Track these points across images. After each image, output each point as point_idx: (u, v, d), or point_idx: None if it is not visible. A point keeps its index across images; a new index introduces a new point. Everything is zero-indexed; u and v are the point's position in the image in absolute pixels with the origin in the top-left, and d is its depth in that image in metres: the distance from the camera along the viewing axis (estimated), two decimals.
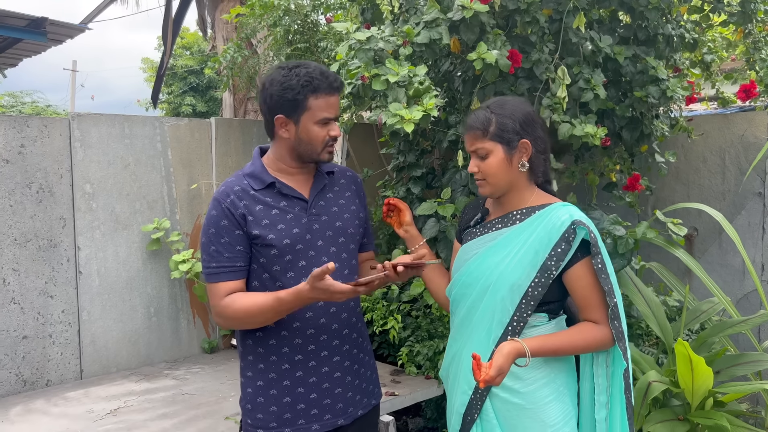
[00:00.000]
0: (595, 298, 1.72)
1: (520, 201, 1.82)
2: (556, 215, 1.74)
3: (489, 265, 1.79)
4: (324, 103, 1.72)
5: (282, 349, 1.80)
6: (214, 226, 1.76)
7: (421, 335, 3.43)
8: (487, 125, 1.75)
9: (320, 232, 1.82)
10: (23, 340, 3.31)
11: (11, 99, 18.96)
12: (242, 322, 1.77)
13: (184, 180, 3.90)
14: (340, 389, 1.85)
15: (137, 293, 3.71)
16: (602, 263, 1.70)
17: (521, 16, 2.47)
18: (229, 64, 3.83)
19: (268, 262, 1.76)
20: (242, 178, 1.81)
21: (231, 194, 1.77)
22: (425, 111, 2.01)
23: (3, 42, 5.45)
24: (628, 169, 3.15)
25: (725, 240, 3.54)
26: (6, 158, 3.24)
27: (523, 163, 1.77)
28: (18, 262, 3.28)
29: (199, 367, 3.70)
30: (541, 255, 1.73)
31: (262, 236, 1.74)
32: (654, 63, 2.72)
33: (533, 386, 1.75)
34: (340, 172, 1.95)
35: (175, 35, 5.69)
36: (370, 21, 2.81)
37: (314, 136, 1.75)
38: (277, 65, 1.81)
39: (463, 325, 1.87)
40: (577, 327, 1.76)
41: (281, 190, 1.79)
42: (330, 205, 1.86)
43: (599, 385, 1.78)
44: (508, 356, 1.61)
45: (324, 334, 1.81)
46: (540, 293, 1.73)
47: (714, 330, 2.83)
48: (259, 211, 1.76)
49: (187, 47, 17.81)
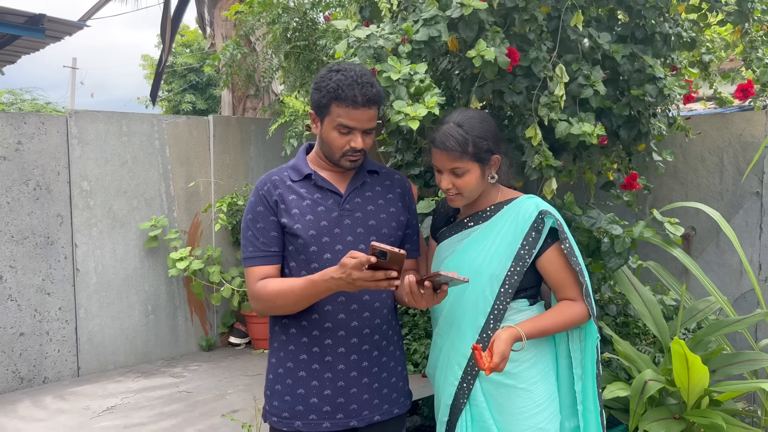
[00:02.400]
0: (569, 277, 1.86)
1: (488, 200, 1.95)
2: (524, 207, 1.88)
3: (467, 260, 1.89)
4: (345, 113, 1.73)
5: (301, 339, 1.81)
6: (251, 212, 1.82)
7: (419, 333, 3.43)
8: (465, 146, 1.83)
9: (351, 227, 1.82)
10: (20, 337, 3.30)
11: (11, 96, 18.92)
12: (275, 305, 1.77)
13: (182, 177, 3.90)
14: (355, 389, 1.82)
15: (135, 291, 3.71)
16: (570, 246, 1.84)
17: (519, 14, 2.47)
18: (228, 62, 3.83)
19: (296, 251, 1.80)
20: (284, 170, 1.88)
21: (268, 182, 1.83)
22: (429, 108, 2.02)
23: (1, 39, 5.44)
24: (625, 168, 3.15)
25: (723, 239, 3.54)
26: (3, 155, 3.24)
27: (493, 176, 1.92)
28: (15, 259, 3.28)
29: (197, 365, 3.70)
30: (514, 245, 1.85)
31: (290, 225, 1.78)
32: (651, 61, 2.72)
33: (523, 366, 1.86)
34: (387, 174, 1.96)
35: (173, 33, 5.68)
36: (369, 19, 2.81)
37: (332, 141, 1.77)
38: (330, 63, 1.87)
39: (447, 321, 1.95)
40: (558, 307, 1.89)
41: (317, 182, 1.83)
42: (366, 203, 1.86)
43: (575, 359, 1.91)
44: (507, 341, 1.72)
45: (342, 330, 1.80)
46: (516, 281, 1.85)
47: (710, 329, 2.83)
48: (292, 201, 1.80)
49: (187, 45, 17.79)
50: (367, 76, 1.75)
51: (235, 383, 3.35)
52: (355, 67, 1.77)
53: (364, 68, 1.80)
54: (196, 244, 3.96)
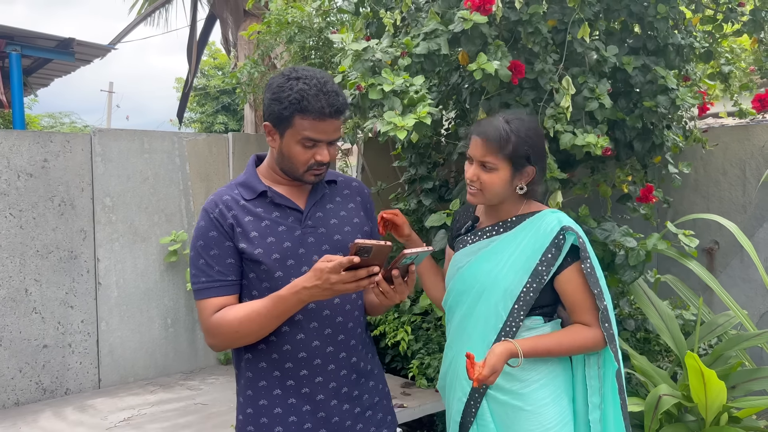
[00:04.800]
0: (586, 301, 1.76)
1: (511, 210, 1.86)
2: (545, 222, 1.78)
3: (482, 272, 1.82)
4: (310, 125, 1.56)
5: (273, 374, 1.64)
6: (202, 237, 1.62)
7: (432, 348, 3.42)
8: (505, 144, 1.76)
9: (316, 245, 1.65)
10: (43, 349, 3.39)
11: (51, 120, 19.61)
12: (238, 334, 1.58)
13: (202, 193, 3.98)
14: (337, 418, 1.67)
15: (155, 304, 3.78)
16: (591, 267, 1.74)
17: (524, 27, 2.48)
18: (247, 80, 3.92)
19: (258, 278, 1.62)
20: (233, 188, 1.68)
21: (220, 204, 1.64)
22: (418, 118, 2.01)
23: (34, 63, 5.67)
24: (641, 180, 3.11)
25: (747, 254, 3.45)
26: (30, 172, 3.36)
27: (522, 187, 1.81)
28: (40, 273, 3.38)
29: (215, 378, 3.74)
30: (532, 260, 1.76)
31: (249, 250, 1.60)
32: (663, 72, 2.70)
33: (532, 387, 1.77)
34: (344, 182, 1.80)
35: (199, 54, 5.84)
36: (375, 34, 2.85)
37: (295, 156, 1.61)
38: (284, 68, 1.67)
39: (458, 332, 1.89)
40: (568, 329, 1.79)
41: (273, 199, 1.65)
42: (328, 217, 1.70)
43: (591, 387, 1.80)
44: (500, 356, 1.66)
45: (317, 359, 1.64)
46: (532, 298, 1.76)
47: (729, 343, 2.76)
48: (248, 223, 1.62)
49: (219, 68, 18.23)
50: (330, 84, 1.59)
51: None
52: (316, 73, 1.60)
53: (325, 74, 1.63)
54: None
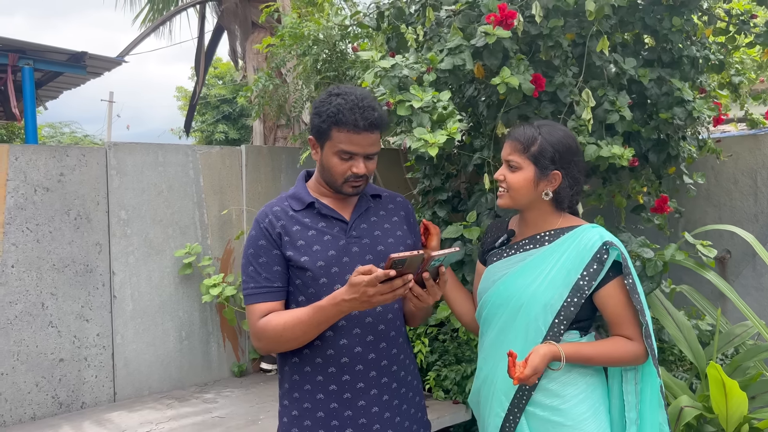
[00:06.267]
0: (628, 315, 1.77)
1: (547, 223, 1.86)
2: (586, 236, 1.79)
3: (520, 286, 1.81)
4: (346, 138, 1.66)
5: (316, 378, 1.71)
6: (252, 246, 1.74)
7: (449, 359, 3.42)
8: (530, 143, 1.79)
9: (359, 255, 1.73)
10: (60, 363, 3.39)
11: (51, 130, 19.65)
12: (282, 339, 1.67)
13: (216, 206, 3.99)
14: (378, 426, 1.72)
15: (169, 317, 3.79)
16: (633, 283, 1.75)
17: (544, 41, 2.50)
18: (261, 93, 3.94)
19: (304, 285, 1.71)
20: (284, 200, 1.80)
21: (270, 214, 1.75)
22: (449, 135, 2.04)
23: (44, 76, 5.70)
24: (655, 191, 3.13)
25: (759, 262, 3.47)
26: (46, 186, 3.37)
27: (547, 192, 1.82)
28: (56, 287, 3.39)
29: (230, 391, 3.74)
30: (573, 275, 1.76)
31: (296, 258, 1.69)
32: (679, 84, 2.73)
33: (571, 402, 1.77)
34: (389, 197, 1.90)
35: (207, 66, 5.87)
36: (395, 49, 2.88)
37: (333, 167, 1.71)
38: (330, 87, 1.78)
39: (494, 347, 1.87)
40: (611, 339, 1.80)
41: (321, 210, 1.75)
42: (372, 229, 1.79)
43: (629, 402, 1.81)
44: (544, 357, 1.66)
45: (359, 365, 1.70)
46: (573, 312, 1.77)
47: (748, 354, 2.77)
48: (296, 232, 1.72)
49: (220, 77, 18.30)
50: (368, 100, 1.69)
51: (266, 409, 3.37)
52: (356, 90, 1.71)
53: (366, 91, 1.73)
54: (228, 270, 4.03)
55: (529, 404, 1.79)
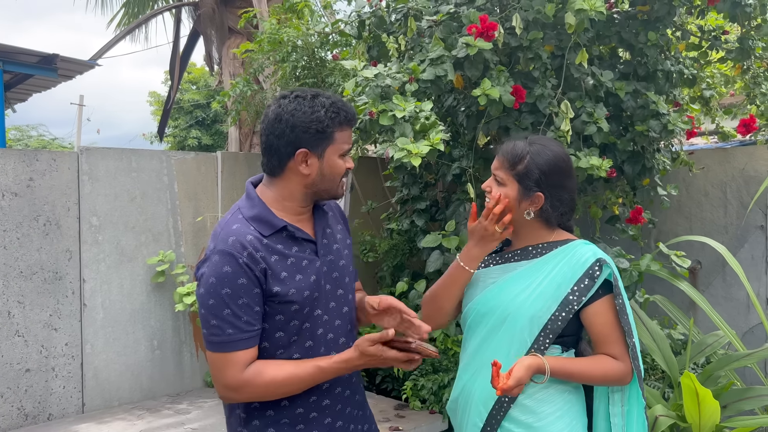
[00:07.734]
0: (615, 334, 1.75)
1: (539, 237, 1.85)
2: (580, 252, 1.78)
3: (508, 296, 1.80)
4: (347, 135, 1.59)
5: (266, 413, 1.59)
6: (229, 285, 1.46)
7: (426, 369, 3.41)
8: (516, 162, 1.77)
9: (328, 274, 1.61)
10: (26, 373, 3.29)
11: (17, 133, 19.23)
12: (270, 394, 1.54)
13: (190, 213, 3.93)
14: None
15: (141, 326, 3.71)
16: (623, 304, 1.74)
17: (524, 53, 2.53)
18: (238, 99, 3.90)
19: (287, 319, 1.54)
20: (247, 224, 1.53)
21: (248, 246, 1.48)
22: (432, 145, 2.03)
23: (14, 78, 5.56)
24: (630, 202, 3.18)
25: (729, 273, 3.54)
26: (15, 191, 3.28)
27: (529, 212, 1.80)
28: (23, 295, 3.29)
29: (203, 401, 3.67)
30: (563, 289, 1.75)
31: (283, 292, 1.51)
32: (654, 98, 2.78)
33: (546, 420, 1.75)
34: (326, 205, 1.75)
35: (182, 71, 5.80)
36: (376, 58, 2.88)
37: (337, 170, 1.58)
38: (282, 95, 1.62)
39: (477, 355, 1.86)
40: (596, 357, 1.78)
41: (294, 233, 1.56)
42: (331, 243, 1.66)
43: (615, 425, 1.79)
44: (528, 369, 1.64)
45: (327, 399, 1.63)
46: (559, 327, 1.75)
47: (720, 363, 2.82)
48: (276, 263, 1.51)
49: (193, 82, 18.12)
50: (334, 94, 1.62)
51: None
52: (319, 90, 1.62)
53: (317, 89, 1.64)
54: None
55: (505, 419, 1.77)
